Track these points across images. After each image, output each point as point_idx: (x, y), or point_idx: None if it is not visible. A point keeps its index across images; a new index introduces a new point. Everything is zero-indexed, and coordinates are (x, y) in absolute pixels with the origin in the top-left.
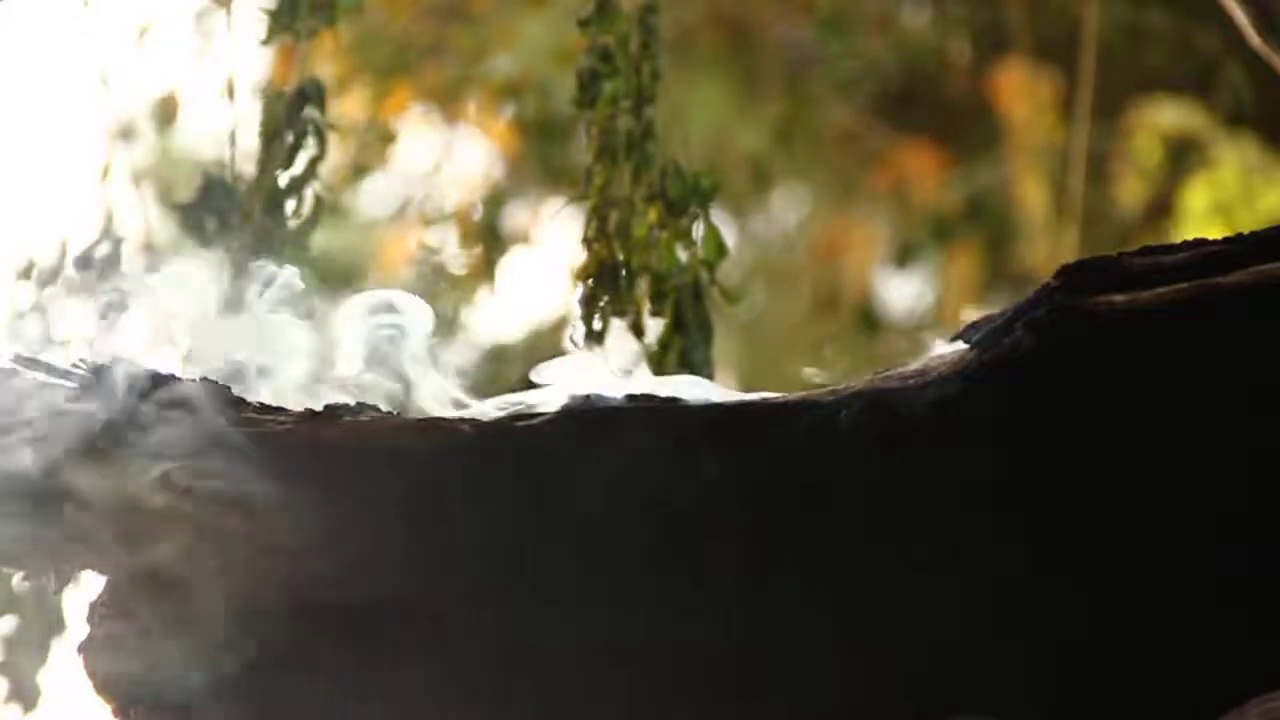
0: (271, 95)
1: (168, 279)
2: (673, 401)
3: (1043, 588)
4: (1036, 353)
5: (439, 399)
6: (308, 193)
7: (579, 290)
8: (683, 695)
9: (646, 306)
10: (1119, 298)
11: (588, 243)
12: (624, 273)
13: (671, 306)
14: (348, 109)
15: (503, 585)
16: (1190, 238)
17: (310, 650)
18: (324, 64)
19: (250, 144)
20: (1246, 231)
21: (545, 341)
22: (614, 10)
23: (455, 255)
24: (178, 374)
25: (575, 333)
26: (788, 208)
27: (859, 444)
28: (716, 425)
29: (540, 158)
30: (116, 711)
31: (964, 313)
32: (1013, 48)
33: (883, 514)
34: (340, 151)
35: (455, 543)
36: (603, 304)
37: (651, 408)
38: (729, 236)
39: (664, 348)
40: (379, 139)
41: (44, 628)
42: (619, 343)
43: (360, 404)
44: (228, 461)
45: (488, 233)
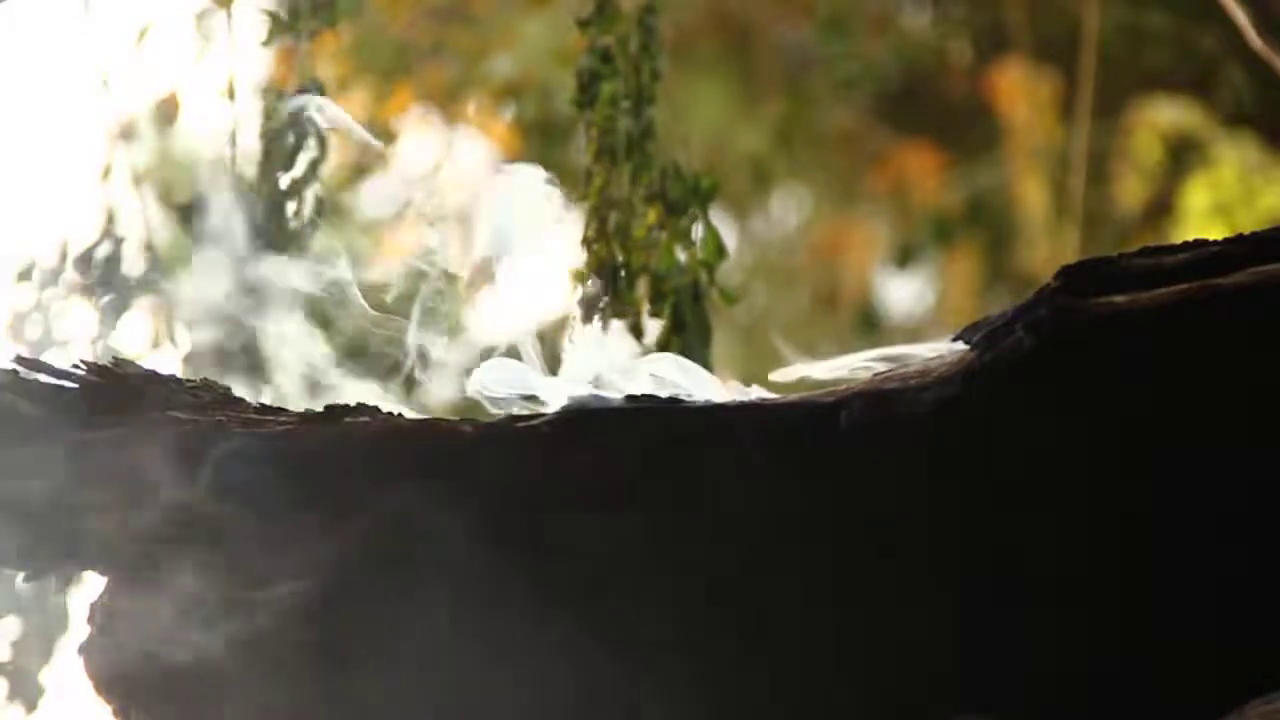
0: (272, 96)
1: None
2: (673, 402)
3: (1043, 588)
4: (1036, 353)
5: None
6: (309, 194)
7: (579, 291)
8: (676, 696)
9: (646, 307)
10: (1119, 298)
11: (587, 243)
12: (623, 274)
13: (671, 307)
14: (348, 109)
15: (502, 585)
16: (1190, 238)
17: (310, 649)
18: (325, 65)
19: (251, 145)
20: (1247, 232)
21: (545, 342)
22: (614, 11)
23: (455, 255)
24: (178, 374)
25: (575, 334)
26: (788, 208)
27: (859, 444)
28: (717, 425)
29: (540, 158)
30: (117, 712)
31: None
32: (1013, 48)
33: (883, 514)
34: (340, 152)
35: (455, 543)
36: (602, 305)
37: (651, 408)
38: (729, 237)
39: (663, 349)
40: (379, 139)
41: (47, 628)
42: (618, 344)
43: (360, 404)
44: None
45: None
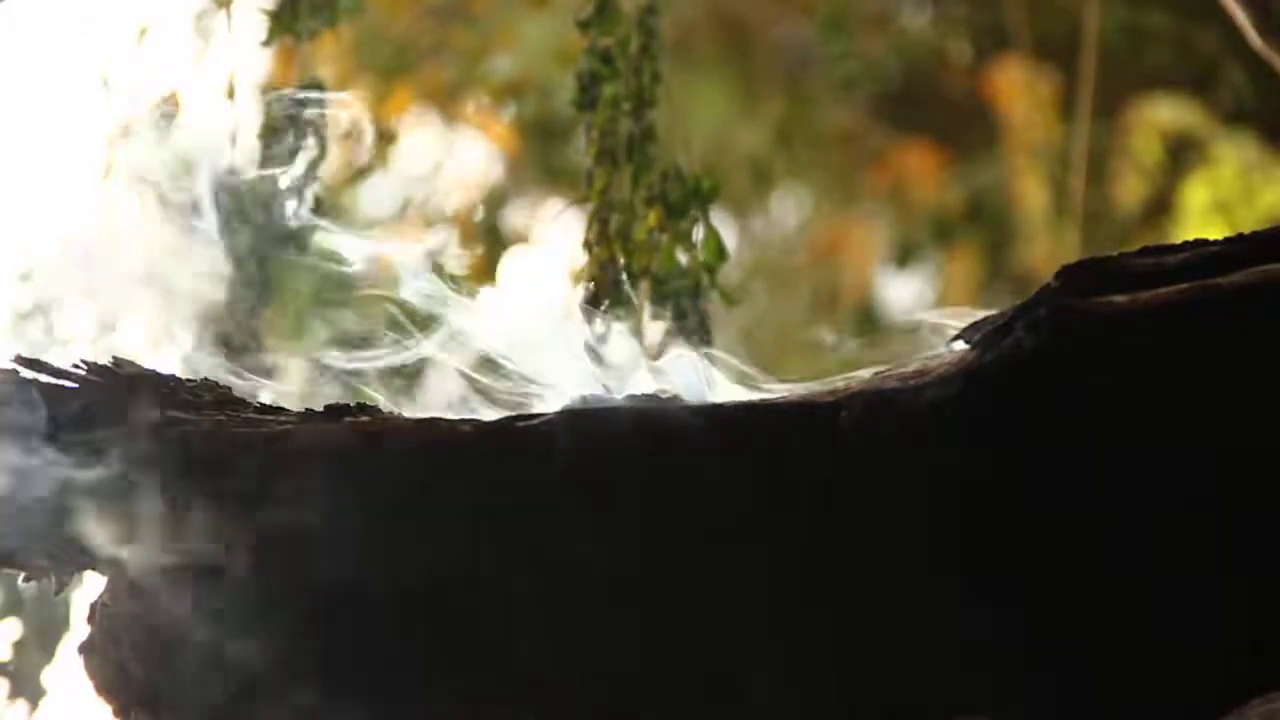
0: (272, 96)
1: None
2: (675, 402)
3: (1043, 588)
4: (1036, 353)
5: None
6: (308, 194)
7: (580, 293)
8: (662, 699)
9: (647, 309)
10: (1119, 298)
11: (589, 246)
12: (625, 276)
13: (672, 309)
14: (348, 109)
15: (501, 584)
16: (1190, 236)
17: (314, 649)
18: (325, 65)
19: (251, 145)
20: (1247, 231)
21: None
22: (614, 12)
23: (455, 255)
24: (178, 374)
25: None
26: (788, 208)
27: (859, 444)
28: (718, 425)
29: (540, 158)
30: (117, 712)
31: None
32: (1013, 47)
33: (883, 514)
34: (341, 152)
35: (456, 543)
36: (604, 307)
37: (652, 408)
38: (729, 237)
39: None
40: (379, 139)
41: (48, 628)
42: (619, 346)
43: (360, 404)
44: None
45: (488, 233)
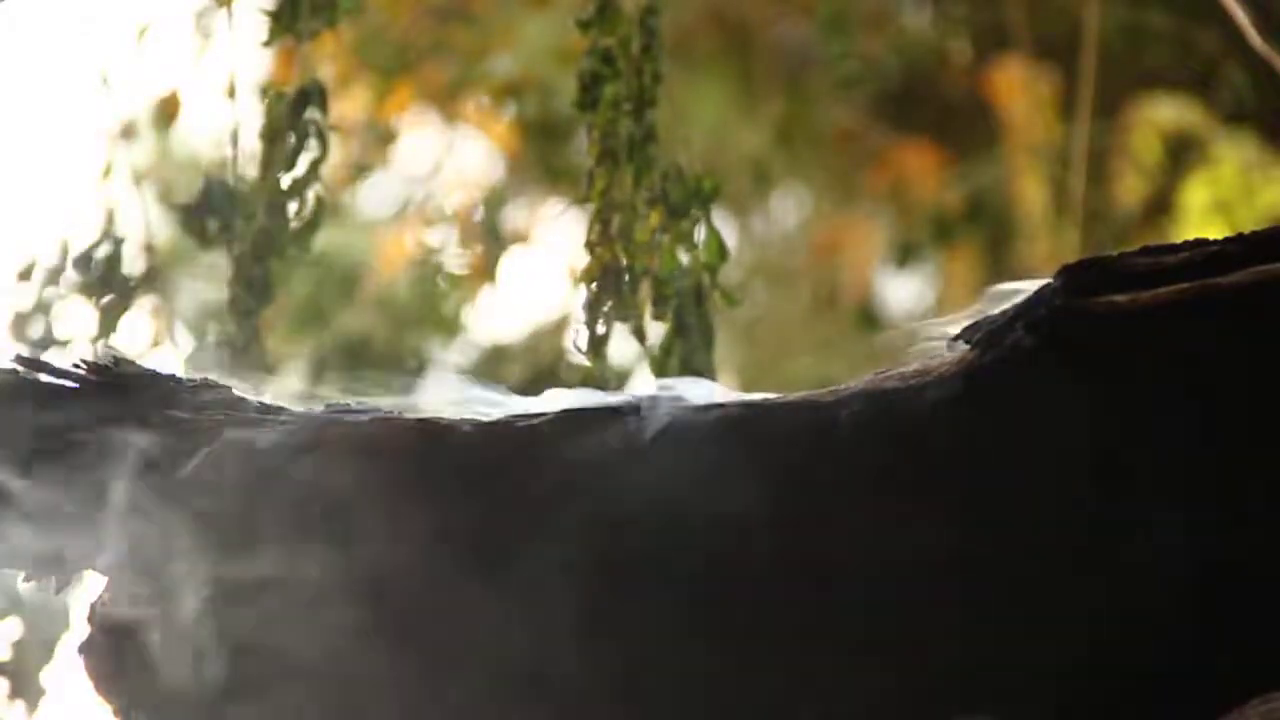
0: (273, 96)
1: None
2: (675, 401)
3: (1043, 587)
4: (1036, 353)
5: None
6: (309, 194)
7: (582, 294)
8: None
9: (649, 310)
10: (1119, 298)
11: (590, 246)
12: (627, 276)
13: (673, 310)
14: (348, 109)
15: (500, 586)
16: (1190, 235)
17: (315, 650)
18: (325, 64)
19: (251, 145)
20: (1247, 231)
21: (545, 342)
22: (615, 12)
23: (455, 255)
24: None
25: (578, 337)
26: (788, 208)
27: (859, 444)
28: (719, 425)
29: (541, 158)
30: (117, 712)
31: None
32: (1013, 46)
33: (883, 514)
34: (341, 152)
35: (456, 543)
36: (606, 308)
37: (653, 407)
38: (729, 237)
39: (666, 351)
40: (380, 139)
41: (47, 628)
42: (622, 346)
43: (360, 404)
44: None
45: (488, 233)
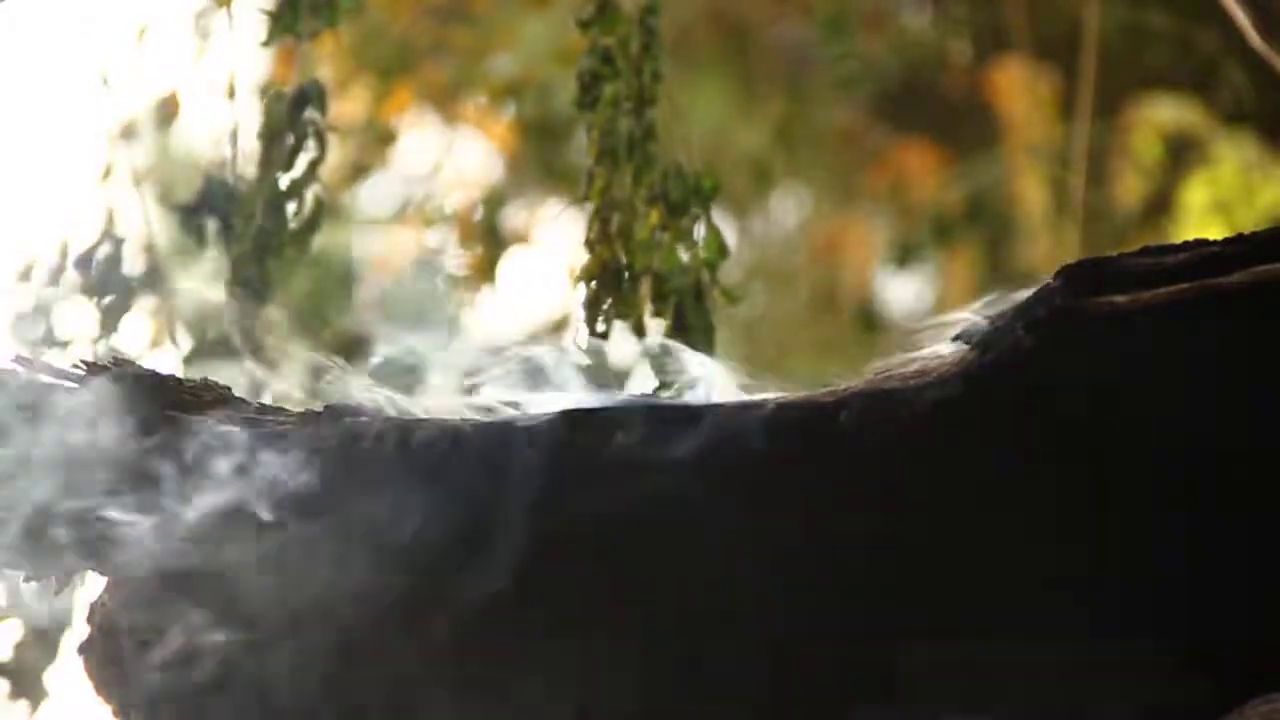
0: (272, 96)
1: None
2: (675, 401)
3: (1043, 587)
4: (1036, 353)
5: None
6: (308, 194)
7: (582, 292)
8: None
9: (649, 308)
10: (1119, 298)
11: (590, 245)
12: (627, 275)
13: (673, 308)
14: (348, 109)
15: (501, 585)
16: (1190, 235)
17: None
18: (324, 64)
19: (250, 145)
20: (1247, 231)
21: (545, 342)
22: (615, 12)
23: (455, 255)
24: (178, 374)
25: (579, 335)
26: (788, 208)
27: (859, 444)
28: (719, 424)
29: (540, 158)
30: (117, 712)
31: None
32: (1013, 46)
33: (881, 514)
34: (340, 152)
35: (457, 543)
36: (606, 306)
37: (653, 407)
38: (729, 236)
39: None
40: (379, 139)
41: (49, 628)
42: (621, 345)
43: (360, 404)
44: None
45: (488, 233)
